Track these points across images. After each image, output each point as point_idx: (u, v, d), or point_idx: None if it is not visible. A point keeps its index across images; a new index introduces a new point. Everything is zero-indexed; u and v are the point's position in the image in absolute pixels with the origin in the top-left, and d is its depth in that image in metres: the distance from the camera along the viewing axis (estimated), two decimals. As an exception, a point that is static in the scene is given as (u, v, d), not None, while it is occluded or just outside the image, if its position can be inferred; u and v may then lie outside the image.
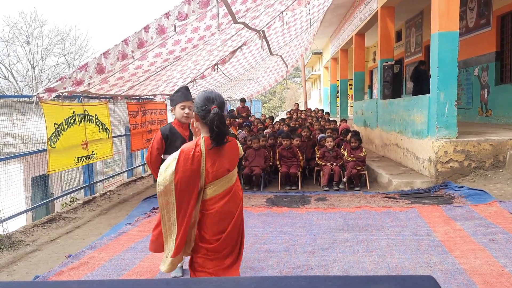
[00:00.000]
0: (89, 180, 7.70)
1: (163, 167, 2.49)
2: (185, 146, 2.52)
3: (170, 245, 2.55)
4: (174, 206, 2.50)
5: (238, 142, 2.73)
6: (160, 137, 3.55)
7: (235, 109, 15.06)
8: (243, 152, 2.73)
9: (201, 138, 2.52)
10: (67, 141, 6.22)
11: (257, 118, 12.75)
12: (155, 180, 3.82)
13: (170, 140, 3.52)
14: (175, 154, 2.49)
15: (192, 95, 3.76)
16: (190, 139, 3.34)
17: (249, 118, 13.28)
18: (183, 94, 3.52)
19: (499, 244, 3.99)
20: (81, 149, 6.63)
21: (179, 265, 3.68)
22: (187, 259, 3.40)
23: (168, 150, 3.55)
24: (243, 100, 14.75)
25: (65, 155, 6.16)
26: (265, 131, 9.67)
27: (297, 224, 5.01)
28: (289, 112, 15.37)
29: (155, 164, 3.58)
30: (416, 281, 0.94)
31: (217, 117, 2.41)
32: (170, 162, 2.47)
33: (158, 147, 3.54)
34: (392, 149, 8.88)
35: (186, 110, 3.52)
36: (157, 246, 2.75)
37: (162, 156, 3.66)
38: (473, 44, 10.61)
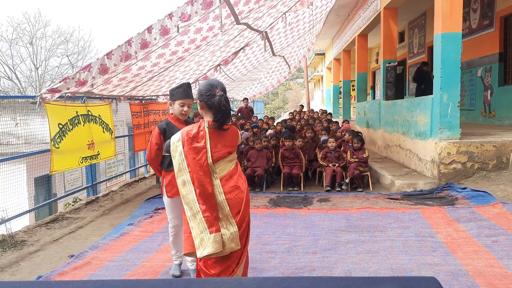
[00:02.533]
0: (92, 181, 7.72)
1: (172, 150, 2.68)
2: (186, 128, 2.69)
3: (201, 225, 2.57)
4: (190, 183, 2.62)
5: (237, 129, 2.84)
6: (158, 132, 3.53)
7: (236, 110, 15.05)
8: (240, 140, 2.83)
9: (205, 121, 2.67)
10: (73, 141, 6.24)
11: (260, 119, 12.73)
12: (157, 180, 3.83)
13: (168, 134, 3.50)
14: (177, 136, 2.67)
15: (195, 95, 3.75)
16: None
17: (252, 119, 13.26)
18: (184, 91, 3.50)
19: (502, 246, 3.97)
20: (86, 149, 6.65)
21: (177, 262, 3.68)
22: (187, 259, 3.40)
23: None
24: (246, 100, 14.71)
25: (69, 155, 6.17)
26: (268, 132, 9.67)
27: (299, 225, 5.01)
28: (292, 113, 15.35)
29: (156, 160, 3.57)
30: (419, 283, 0.94)
31: (222, 98, 2.59)
32: (176, 144, 2.66)
33: (157, 142, 3.52)
34: (394, 150, 8.87)
35: (185, 108, 3.50)
36: (190, 242, 2.67)
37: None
38: (476, 45, 10.59)
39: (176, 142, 2.66)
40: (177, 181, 2.68)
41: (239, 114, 13.40)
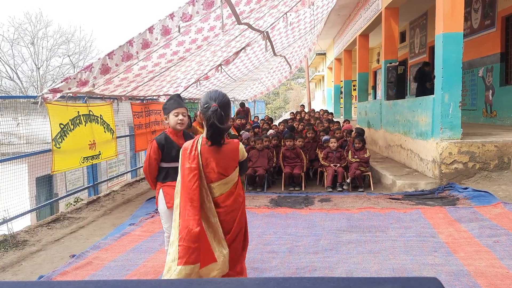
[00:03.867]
0: (93, 181, 7.73)
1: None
2: (186, 144, 2.59)
3: (175, 254, 2.43)
4: (177, 208, 2.50)
5: (241, 144, 2.70)
6: (156, 147, 3.50)
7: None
8: (246, 154, 2.68)
9: (200, 137, 2.55)
10: (74, 141, 6.25)
11: (262, 119, 12.71)
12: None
13: (167, 149, 3.48)
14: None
15: (196, 96, 3.75)
16: None
17: (250, 120, 13.22)
18: (175, 101, 3.50)
19: (504, 246, 3.97)
20: (88, 149, 6.66)
21: None
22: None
23: (164, 159, 3.52)
24: (242, 105, 14.71)
25: (70, 155, 6.18)
26: (269, 132, 9.66)
27: (300, 225, 5.01)
28: (293, 113, 15.34)
29: (153, 174, 3.56)
30: (420, 283, 0.94)
31: (214, 115, 2.41)
32: (179, 163, 2.59)
33: (156, 157, 3.51)
34: (396, 150, 8.86)
35: (180, 117, 3.48)
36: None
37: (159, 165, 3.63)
38: (477, 45, 10.57)
39: (180, 161, 2.57)
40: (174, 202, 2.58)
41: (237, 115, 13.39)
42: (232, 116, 13.72)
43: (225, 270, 2.56)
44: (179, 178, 2.56)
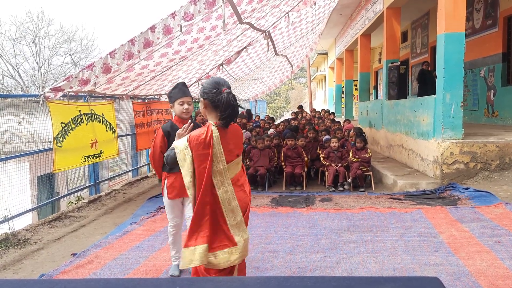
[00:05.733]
0: (95, 179, 7.74)
1: (180, 160, 2.52)
2: (193, 133, 2.55)
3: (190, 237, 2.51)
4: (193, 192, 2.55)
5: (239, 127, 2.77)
6: (162, 134, 3.54)
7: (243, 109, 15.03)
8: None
9: (211, 125, 2.53)
10: (75, 140, 6.26)
11: (262, 119, 12.70)
12: (159, 180, 3.84)
13: (172, 137, 3.51)
14: (183, 143, 2.51)
15: (197, 95, 3.76)
16: None
17: (254, 119, 13.21)
18: (180, 90, 3.50)
19: (505, 246, 3.97)
20: (89, 148, 6.67)
21: (175, 262, 3.69)
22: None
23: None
24: (248, 112, 14.70)
25: (71, 154, 6.19)
26: (269, 131, 9.67)
27: (301, 224, 5.01)
28: (294, 112, 15.31)
29: (159, 162, 3.59)
30: (421, 283, 0.94)
31: (231, 95, 2.48)
32: (183, 152, 2.49)
33: (161, 145, 3.54)
34: (397, 150, 8.86)
35: (185, 106, 3.50)
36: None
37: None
38: (479, 45, 10.56)
39: (183, 150, 2.49)
40: (188, 192, 2.56)
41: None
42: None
43: (245, 254, 2.59)
44: (188, 168, 2.51)
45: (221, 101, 2.46)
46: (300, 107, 18.74)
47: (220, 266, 2.51)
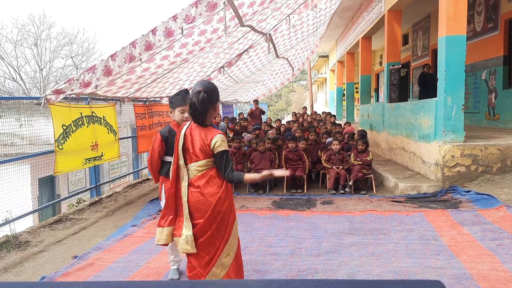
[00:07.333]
0: (96, 182, 7.74)
1: None
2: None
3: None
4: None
5: (220, 136, 2.74)
6: (160, 139, 3.55)
7: (243, 112, 15.01)
8: (222, 147, 2.72)
9: (188, 123, 2.86)
10: (76, 142, 6.26)
11: (264, 122, 12.71)
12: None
13: (170, 142, 3.51)
14: None
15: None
16: None
17: (266, 120, 13.12)
18: (183, 97, 3.51)
19: (506, 249, 3.96)
20: (90, 150, 6.67)
21: (175, 267, 3.68)
22: (184, 260, 3.41)
23: (168, 152, 3.55)
24: (256, 101, 14.68)
25: (72, 156, 6.19)
26: (269, 132, 9.68)
27: (302, 227, 5.00)
28: (295, 114, 15.26)
29: (156, 166, 3.59)
30: (423, 286, 0.94)
31: (195, 95, 2.69)
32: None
33: (159, 150, 3.55)
34: (398, 152, 8.85)
35: (186, 114, 3.49)
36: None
37: (163, 158, 3.66)
38: (480, 48, 10.56)
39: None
40: None
41: (248, 118, 13.32)
42: (234, 117, 13.70)
43: (188, 250, 2.74)
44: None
45: (191, 101, 2.74)
46: (305, 108, 18.76)
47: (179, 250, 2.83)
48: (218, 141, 2.70)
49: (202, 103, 2.68)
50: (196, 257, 2.77)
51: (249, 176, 2.81)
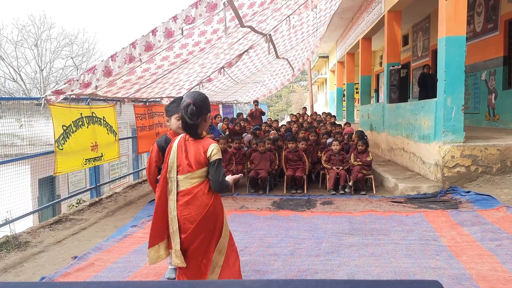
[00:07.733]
0: (96, 182, 7.74)
1: None
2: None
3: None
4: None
5: (215, 145, 2.72)
6: (157, 149, 3.53)
7: (242, 113, 14.99)
8: (217, 157, 2.69)
9: (182, 134, 2.80)
10: (76, 142, 6.26)
11: (264, 122, 12.70)
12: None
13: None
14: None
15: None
16: None
17: (266, 121, 13.11)
18: (178, 105, 3.50)
19: (506, 250, 3.96)
20: (89, 150, 6.67)
21: (171, 266, 3.68)
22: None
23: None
24: (256, 102, 14.65)
25: (72, 157, 6.20)
26: (271, 132, 9.68)
27: (302, 227, 5.00)
28: (295, 115, 15.23)
29: (154, 176, 3.58)
30: (422, 286, 0.94)
31: (185, 109, 2.65)
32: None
33: (156, 160, 3.53)
34: (398, 153, 8.85)
35: None
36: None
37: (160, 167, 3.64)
38: (480, 49, 10.57)
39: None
40: None
41: (248, 118, 13.31)
42: (234, 117, 13.70)
43: (178, 263, 2.72)
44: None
45: (181, 115, 2.71)
46: (305, 108, 18.76)
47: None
48: (215, 150, 2.70)
49: (192, 115, 2.64)
50: (186, 271, 2.76)
51: (229, 179, 2.84)
